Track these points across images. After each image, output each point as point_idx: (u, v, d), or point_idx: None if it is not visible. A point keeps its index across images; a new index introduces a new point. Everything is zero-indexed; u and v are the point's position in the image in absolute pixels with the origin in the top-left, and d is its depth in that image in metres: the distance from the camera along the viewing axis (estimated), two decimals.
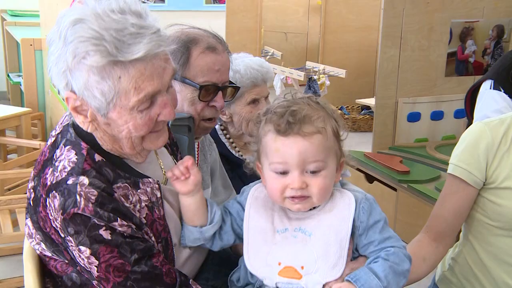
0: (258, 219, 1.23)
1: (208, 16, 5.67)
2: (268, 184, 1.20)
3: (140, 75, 1.11)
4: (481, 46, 3.60)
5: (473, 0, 3.50)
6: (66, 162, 1.16)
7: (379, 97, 3.55)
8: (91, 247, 1.11)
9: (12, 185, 3.66)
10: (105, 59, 1.08)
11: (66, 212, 1.11)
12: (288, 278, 1.18)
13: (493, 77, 2.54)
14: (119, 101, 1.12)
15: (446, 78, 3.61)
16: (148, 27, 1.12)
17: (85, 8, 1.12)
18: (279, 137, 1.15)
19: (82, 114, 1.16)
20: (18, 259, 1.33)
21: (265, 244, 1.21)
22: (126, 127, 1.15)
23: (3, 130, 4.07)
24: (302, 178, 1.15)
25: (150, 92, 1.13)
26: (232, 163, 1.97)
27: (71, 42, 1.09)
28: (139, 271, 1.14)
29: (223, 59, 1.56)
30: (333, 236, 1.18)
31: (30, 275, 1.27)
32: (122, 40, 1.09)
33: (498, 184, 1.49)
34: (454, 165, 1.54)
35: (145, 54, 1.09)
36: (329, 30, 5.99)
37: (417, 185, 3.06)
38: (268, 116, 1.18)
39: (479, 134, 1.52)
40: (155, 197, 1.23)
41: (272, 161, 1.16)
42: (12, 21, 5.53)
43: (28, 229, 1.24)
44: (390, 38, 3.42)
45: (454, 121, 3.69)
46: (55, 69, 1.13)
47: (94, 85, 1.10)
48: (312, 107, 1.17)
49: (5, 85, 6.11)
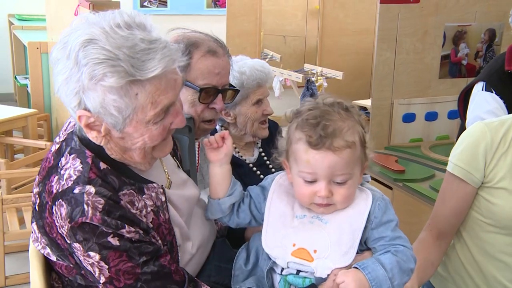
0: (279, 204, 1.27)
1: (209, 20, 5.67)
2: (296, 188, 1.24)
3: (156, 90, 1.11)
4: (474, 49, 3.61)
5: (466, 5, 3.52)
6: (72, 170, 1.16)
7: (375, 99, 3.55)
8: (100, 253, 1.11)
9: (19, 184, 3.67)
10: (124, 80, 1.07)
11: (74, 221, 1.11)
12: (300, 259, 1.21)
13: (485, 79, 2.53)
14: (135, 116, 1.12)
15: (440, 80, 3.62)
16: (156, 41, 1.11)
17: (92, 27, 1.10)
18: (310, 149, 1.17)
19: (95, 130, 1.15)
20: (25, 256, 1.35)
21: (283, 227, 1.24)
22: (141, 139, 1.16)
23: (10, 130, 4.07)
24: (328, 188, 1.19)
25: (166, 105, 1.14)
26: (232, 164, 1.90)
27: (86, 65, 1.07)
28: (148, 271, 1.14)
29: (223, 63, 1.57)
30: (348, 226, 1.22)
31: (36, 271, 1.28)
32: (136, 57, 1.08)
33: (493, 184, 1.52)
34: (453, 164, 1.55)
35: (161, 71, 1.10)
36: (327, 34, 5.99)
37: (412, 184, 3.07)
38: (300, 122, 1.21)
39: (479, 134, 1.52)
40: (159, 201, 1.23)
41: (301, 169, 1.20)
42: (20, 25, 5.52)
43: (34, 233, 1.24)
44: (386, 41, 3.43)
45: (448, 121, 3.69)
46: (65, 89, 1.12)
47: (110, 103, 1.10)
48: (342, 117, 1.19)
49: (12, 87, 6.08)
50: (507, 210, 1.50)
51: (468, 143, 1.54)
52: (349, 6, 6.02)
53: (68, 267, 1.22)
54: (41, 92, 4.54)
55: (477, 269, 1.60)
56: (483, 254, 1.58)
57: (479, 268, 1.59)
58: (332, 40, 6.02)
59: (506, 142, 1.50)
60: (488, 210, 1.54)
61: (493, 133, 1.51)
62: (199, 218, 1.40)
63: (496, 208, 1.52)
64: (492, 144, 1.50)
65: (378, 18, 3.41)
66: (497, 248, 1.56)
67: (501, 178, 1.50)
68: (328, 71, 5.25)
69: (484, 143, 1.51)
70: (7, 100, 5.76)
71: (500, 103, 2.47)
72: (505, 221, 1.52)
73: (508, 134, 1.51)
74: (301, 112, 1.23)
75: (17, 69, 5.52)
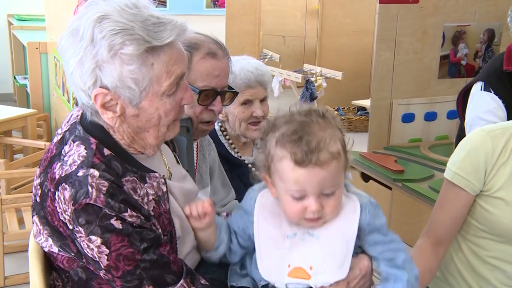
0: (267, 227, 1.23)
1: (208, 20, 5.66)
2: (285, 206, 1.20)
3: (169, 60, 1.16)
4: (473, 49, 3.63)
5: (465, 5, 3.54)
6: (76, 156, 1.17)
7: (375, 99, 3.57)
8: (102, 236, 1.11)
9: (18, 184, 3.64)
10: (143, 46, 1.12)
11: (77, 203, 1.11)
12: (297, 278, 1.19)
13: (484, 79, 2.53)
14: (151, 88, 1.15)
15: (439, 80, 3.64)
16: (163, 17, 1.17)
17: (103, 6, 1.15)
18: (296, 168, 1.13)
19: (110, 110, 1.16)
20: (24, 256, 1.34)
21: (276, 250, 1.21)
22: (157, 113, 1.18)
23: (10, 130, 4.05)
24: (319, 202, 1.16)
25: (179, 75, 1.18)
26: (231, 163, 1.97)
27: (103, 38, 1.11)
28: (148, 259, 1.14)
29: (223, 65, 1.57)
30: (340, 238, 1.20)
31: (35, 271, 1.27)
32: (149, 29, 1.13)
33: (491, 193, 1.51)
34: (453, 172, 1.53)
35: (174, 39, 1.16)
36: (326, 34, 6.00)
37: (411, 184, 3.10)
38: (279, 138, 1.16)
39: (480, 142, 1.50)
40: (161, 191, 1.24)
41: (289, 188, 1.16)
42: (19, 25, 5.51)
43: (36, 226, 1.24)
44: (385, 42, 3.45)
45: (447, 121, 3.72)
46: (80, 70, 1.14)
47: (128, 75, 1.13)
48: (321, 126, 1.16)
49: (12, 87, 6.06)
50: (502, 220, 1.50)
51: (469, 151, 1.51)
52: (349, 6, 6.03)
53: (69, 259, 1.22)
54: (40, 92, 4.53)
55: (470, 270, 1.60)
56: (476, 257, 1.58)
57: (472, 269, 1.59)
58: (331, 40, 6.03)
59: (507, 152, 1.49)
60: (483, 217, 1.54)
61: (494, 142, 1.49)
62: None
63: (491, 216, 1.52)
64: (493, 154, 1.49)
65: (377, 18, 3.43)
66: (489, 253, 1.56)
67: (499, 188, 1.49)
68: (328, 71, 5.25)
69: (485, 152, 1.49)
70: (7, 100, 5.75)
71: (499, 102, 2.48)
72: (500, 230, 1.52)
73: (509, 143, 1.49)
74: (277, 126, 1.18)
75: (17, 69, 5.52)
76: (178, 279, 1.19)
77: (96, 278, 1.21)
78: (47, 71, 4.50)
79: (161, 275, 1.17)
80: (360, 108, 5.83)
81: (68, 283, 1.26)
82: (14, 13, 5.97)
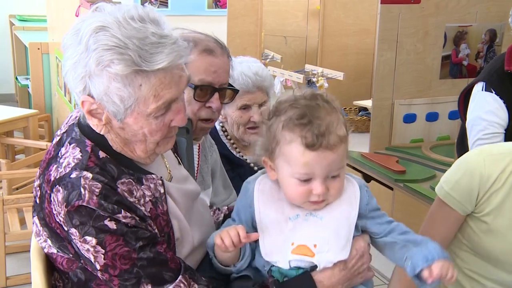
0: (269, 212, 1.24)
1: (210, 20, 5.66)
2: (288, 189, 1.21)
3: (160, 84, 1.13)
4: (474, 50, 3.62)
5: (466, 5, 3.53)
6: (71, 158, 1.17)
7: (376, 99, 3.58)
8: (97, 236, 1.12)
9: (20, 185, 3.65)
10: (130, 68, 1.09)
11: (70, 205, 1.11)
12: (301, 255, 1.20)
13: (485, 79, 2.53)
14: (137, 107, 1.14)
15: (440, 81, 3.64)
16: (167, 37, 1.13)
17: (106, 16, 1.13)
18: (307, 151, 1.15)
19: (96, 117, 1.17)
20: (26, 256, 1.34)
21: (280, 233, 1.22)
22: (141, 132, 1.17)
23: (11, 131, 4.06)
24: (325, 184, 1.18)
25: (168, 100, 1.15)
26: (233, 163, 1.99)
27: (95, 50, 1.09)
28: (145, 257, 1.15)
29: (221, 62, 1.57)
30: (344, 220, 1.22)
31: (37, 272, 1.28)
32: (144, 49, 1.10)
33: (479, 216, 1.50)
34: (445, 192, 1.52)
35: (168, 65, 1.11)
36: (328, 34, 5.99)
37: (413, 184, 3.10)
38: (286, 122, 1.17)
39: (476, 166, 1.48)
40: (158, 192, 1.23)
41: (297, 171, 1.17)
42: (21, 25, 5.51)
43: (36, 227, 1.24)
44: (387, 42, 3.45)
45: (448, 122, 3.71)
46: (73, 73, 1.14)
47: (114, 91, 1.12)
48: (327, 110, 1.18)
49: (13, 88, 6.07)
50: (484, 243, 1.50)
51: (464, 173, 1.50)
52: (350, 7, 6.03)
53: (68, 260, 1.22)
54: (42, 93, 4.54)
55: None
56: (456, 267, 1.58)
57: None
58: (333, 40, 6.03)
59: (502, 179, 1.47)
60: (467, 233, 1.55)
61: (491, 168, 1.47)
62: (199, 215, 1.40)
63: (475, 236, 1.53)
64: (488, 180, 1.47)
65: (379, 19, 3.43)
66: (470, 267, 1.57)
67: (487, 213, 1.49)
68: (329, 71, 5.25)
69: (480, 177, 1.47)
70: (8, 101, 5.75)
71: (500, 103, 2.48)
72: (482, 251, 1.52)
73: (506, 171, 1.47)
74: (282, 110, 1.19)
75: (18, 69, 5.53)
76: (176, 276, 1.19)
77: (95, 279, 1.21)
78: (48, 72, 4.51)
79: (158, 272, 1.17)
80: (361, 108, 5.83)
81: (68, 284, 1.26)
82: (16, 13, 5.98)
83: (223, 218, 1.54)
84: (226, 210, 1.57)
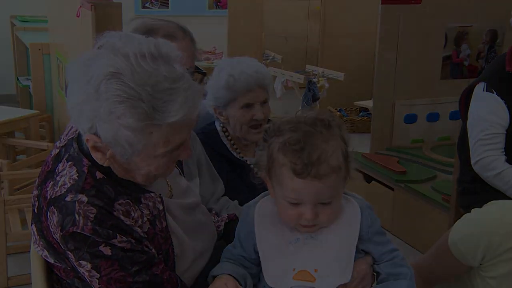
0: (270, 236, 1.24)
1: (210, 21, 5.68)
2: (281, 210, 1.21)
3: (172, 131, 1.11)
4: (475, 50, 3.63)
5: (467, 6, 3.54)
6: (67, 178, 1.15)
7: (377, 99, 3.60)
8: (91, 261, 1.11)
9: (21, 185, 3.63)
10: (142, 123, 1.06)
11: (65, 230, 1.11)
12: (302, 281, 1.20)
13: (486, 79, 2.51)
14: (145, 150, 1.11)
15: (441, 81, 3.65)
16: (180, 80, 1.10)
17: (118, 58, 1.07)
18: (295, 177, 1.14)
19: (100, 152, 1.14)
20: (27, 256, 1.34)
21: (281, 256, 1.22)
22: (147, 168, 1.16)
23: (12, 131, 4.04)
24: (314, 210, 1.17)
25: (178, 144, 1.14)
26: (233, 164, 1.97)
27: (107, 100, 1.06)
28: (140, 281, 1.14)
29: (183, 45, 1.55)
30: (344, 242, 1.22)
31: (37, 274, 1.28)
32: (157, 97, 1.06)
33: (485, 275, 1.47)
34: (454, 241, 1.47)
35: (180, 119, 1.08)
36: (328, 34, 5.98)
37: (414, 185, 3.12)
38: (282, 146, 1.16)
39: (491, 231, 1.41)
40: (157, 210, 1.22)
41: (287, 195, 1.17)
42: (21, 26, 5.49)
43: (33, 235, 1.24)
44: (387, 42, 3.46)
45: (449, 122, 3.73)
46: (79, 109, 1.10)
47: (123, 138, 1.08)
48: (325, 137, 1.16)
49: (15, 88, 6.06)
50: None
51: (478, 232, 1.43)
52: (351, 7, 6.03)
53: (65, 269, 1.22)
54: (43, 93, 4.52)
55: None
56: None
57: None
58: (333, 41, 6.02)
59: None
60: (472, 278, 1.52)
61: (505, 238, 1.40)
62: (200, 225, 1.40)
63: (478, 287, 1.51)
64: (498, 248, 1.40)
65: (380, 19, 3.45)
66: None
67: (493, 277, 1.45)
68: (330, 72, 5.25)
69: (489, 242, 1.40)
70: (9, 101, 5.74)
71: (501, 103, 2.46)
72: None
73: None
74: (282, 132, 1.18)
75: (19, 70, 5.52)
76: None
77: None
78: (49, 72, 4.50)
79: None
80: (362, 109, 5.83)
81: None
82: (16, 14, 5.98)
83: (223, 227, 1.55)
84: (226, 218, 1.57)
